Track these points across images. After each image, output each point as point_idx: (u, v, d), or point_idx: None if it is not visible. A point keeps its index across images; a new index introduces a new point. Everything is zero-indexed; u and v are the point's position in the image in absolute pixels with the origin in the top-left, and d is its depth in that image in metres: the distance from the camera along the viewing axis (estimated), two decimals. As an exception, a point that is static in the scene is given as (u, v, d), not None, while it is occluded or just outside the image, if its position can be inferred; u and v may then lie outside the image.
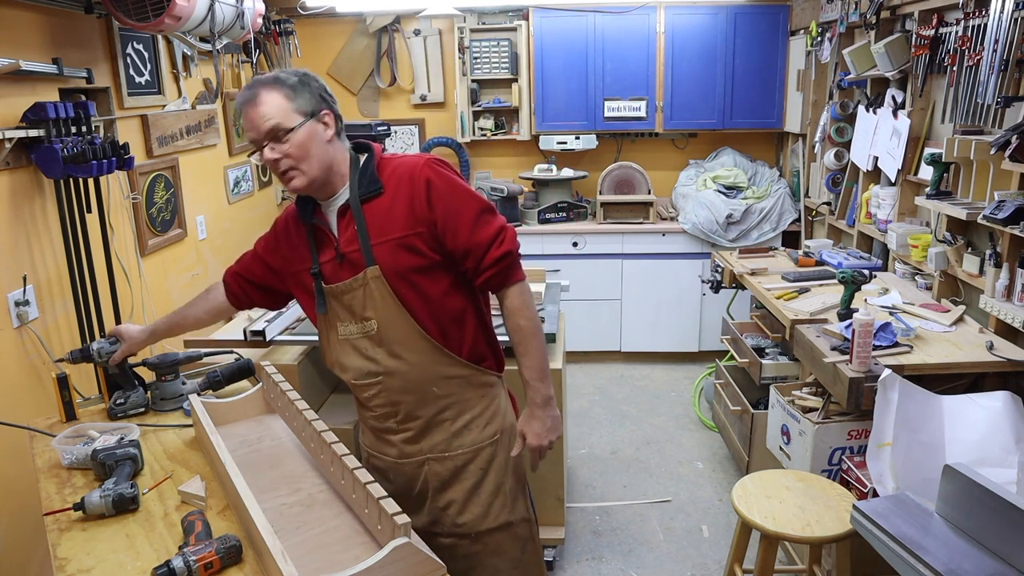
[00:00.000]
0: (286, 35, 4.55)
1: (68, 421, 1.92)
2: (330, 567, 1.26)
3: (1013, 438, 2.15)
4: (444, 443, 1.71)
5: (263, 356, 2.63)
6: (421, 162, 1.61)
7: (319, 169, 1.59)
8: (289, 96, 1.55)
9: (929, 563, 1.57)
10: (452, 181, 1.62)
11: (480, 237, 1.61)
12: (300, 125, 1.54)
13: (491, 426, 1.74)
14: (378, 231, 1.60)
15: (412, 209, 1.58)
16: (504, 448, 1.75)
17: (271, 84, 1.55)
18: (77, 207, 2.53)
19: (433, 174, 1.60)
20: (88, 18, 2.72)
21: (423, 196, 1.58)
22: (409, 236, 1.59)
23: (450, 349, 1.66)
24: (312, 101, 1.57)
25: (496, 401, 1.76)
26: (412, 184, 1.59)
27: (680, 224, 4.53)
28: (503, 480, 1.75)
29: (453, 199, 1.60)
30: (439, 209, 1.59)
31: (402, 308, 1.61)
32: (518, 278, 1.68)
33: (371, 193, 1.61)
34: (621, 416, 4.06)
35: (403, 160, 1.65)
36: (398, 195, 1.60)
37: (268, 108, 1.53)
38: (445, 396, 1.69)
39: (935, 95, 3.10)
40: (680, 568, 2.81)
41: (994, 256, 2.52)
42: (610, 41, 4.56)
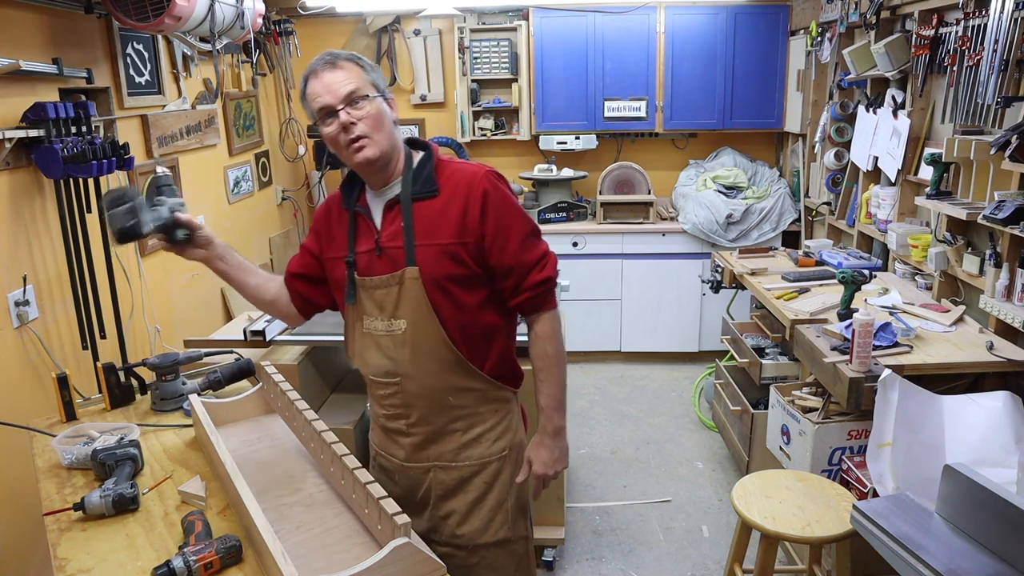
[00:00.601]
0: (286, 35, 4.55)
1: (68, 421, 1.91)
2: (330, 567, 1.26)
3: (1013, 438, 2.15)
4: (452, 453, 1.69)
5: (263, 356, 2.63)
6: (481, 172, 1.60)
7: (388, 145, 1.57)
8: (366, 69, 1.57)
9: (929, 563, 1.57)
10: (507, 197, 1.61)
11: (526, 258, 1.61)
12: (375, 97, 1.55)
13: (501, 441, 1.71)
14: (425, 232, 1.57)
15: (464, 218, 1.57)
16: (511, 464, 1.73)
17: (349, 56, 1.56)
18: (77, 207, 2.53)
19: (491, 187, 1.59)
20: (88, 18, 2.72)
21: (478, 207, 1.57)
22: (455, 244, 1.57)
23: (473, 362, 1.63)
24: (382, 82, 1.60)
25: (509, 417, 1.74)
26: (469, 193, 1.57)
27: (680, 224, 4.53)
28: (506, 496, 1.73)
29: (506, 215, 1.59)
30: (491, 223, 1.57)
31: (433, 314, 1.58)
32: (552, 305, 1.68)
33: (425, 193, 1.59)
34: (621, 416, 4.06)
35: (461, 166, 1.63)
36: (452, 201, 1.58)
37: (348, 74, 1.53)
38: (459, 407, 1.67)
39: (935, 95, 3.10)
40: (680, 568, 2.81)
41: (994, 256, 2.52)
42: (610, 41, 4.56)
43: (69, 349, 2.59)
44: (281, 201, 4.74)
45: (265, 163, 4.50)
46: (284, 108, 4.81)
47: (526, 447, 1.76)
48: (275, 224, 4.65)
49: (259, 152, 4.40)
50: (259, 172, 4.39)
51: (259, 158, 4.40)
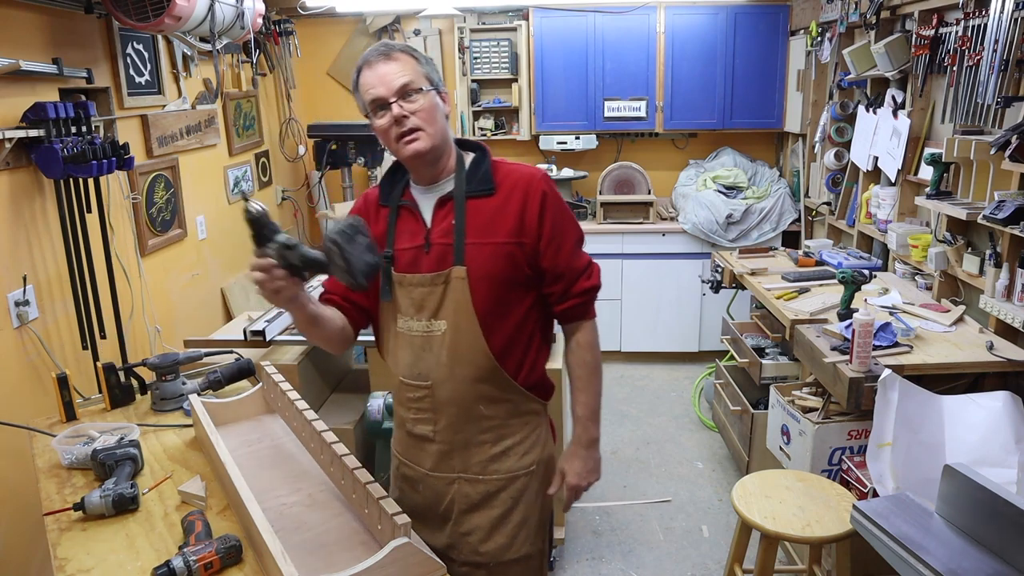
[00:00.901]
0: (286, 35, 4.55)
1: (68, 421, 1.91)
2: (330, 567, 1.26)
3: (1013, 438, 2.15)
4: (479, 465, 1.62)
5: (263, 356, 2.63)
6: (539, 175, 1.58)
7: (441, 138, 1.54)
8: (420, 62, 1.54)
9: (929, 563, 1.57)
10: (562, 202, 1.60)
11: (576, 263, 1.59)
12: (429, 90, 1.52)
13: (529, 455, 1.65)
14: (478, 231, 1.53)
15: (522, 218, 1.53)
16: (538, 479, 1.67)
17: (403, 48, 1.54)
18: (77, 207, 2.53)
19: (549, 189, 1.57)
20: (88, 18, 2.72)
21: (536, 207, 1.54)
22: (511, 244, 1.53)
23: (508, 371, 1.58)
24: (436, 76, 1.56)
25: (538, 430, 1.68)
26: (527, 193, 1.55)
27: (680, 224, 4.53)
28: (531, 512, 1.67)
29: (563, 219, 1.58)
30: (548, 225, 1.55)
31: (475, 318, 1.52)
32: (594, 314, 1.66)
33: (481, 191, 1.55)
34: (621, 416, 4.06)
35: (517, 167, 1.60)
36: (510, 201, 1.54)
37: (402, 66, 1.50)
38: (489, 418, 1.60)
39: (935, 95, 3.10)
40: (680, 568, 2.81)
41: (994, 256, 2.52)
42: (610, 41, 4.56)
43: (69, 349, 2.59)
44: (281, 201, 4.74)
45: (265, 163, 4.50)
46: (284, 108, 4.81)
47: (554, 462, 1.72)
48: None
49: (259, 152, 4.40)
50: (259, 172, 4.39)
51: (259, 158, 4.40)
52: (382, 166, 4.74)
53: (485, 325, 1.53)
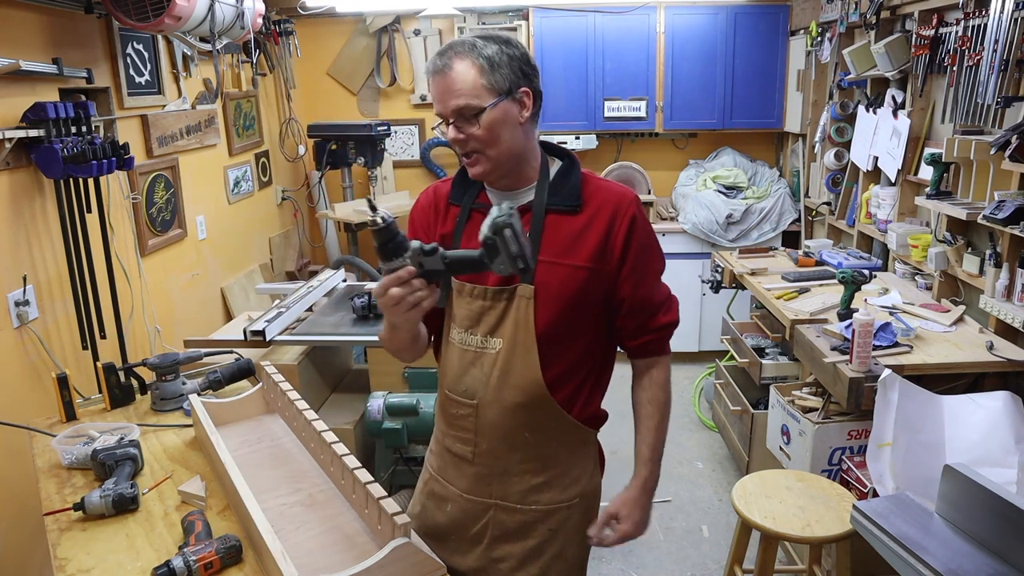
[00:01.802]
0: (286, 35, 4.55)
1: (68, 421, 1.91)
2: (330, 567, 1.26)
3: (1013, 438, 2.15)
4: (518, 495, 1.50)
5: (263, 356, 2.63)
6: (630, 196, 1.44)
7: (507, 155, 1.39)
8: (484, 70, 1.34)
9: (929, 563, 1.57)
10: (651, 229, 1.47)
11: (656, 297, 1.49)
12: (493, 105, 1.34)
13: (574, 488, 1.53)
14: (555, 249, 1.40)
15: (607, 241, 1.40)
16: (580, 512, 1.54)
17: (468, 52, 1.34)
18: (77, 207, 2.53)
19: (639, 214, 1.44)
20: (88, 18, 2.72)
21: (623, 233, 1.40)
22: (589, 268, 1.40)
23: (560, 402, 1.46)
24: (510, 76, 1.35)
25: (585, 461, 1.57)
26: (616, 214, 1.41)
27: (680, 224, 4.53)
28: (569, 545, 1.53)
29: (649, 249, 1.46)
30: (632, 253, 1.42)
31: (533, 342, 1.40)
32: (669, 351, 1.58)
33: (565, 207, 1.41)
34: (621, 416, 4.03)
35: (608, 185, 1.46)
36: (596, 220, 1.41)
37: (459, 83, 1.33)
38: (534, 445, 1.48)
39: (935, 95, 3.10)
40: (680, 568, 2.81)
41: (994, 256, 2.52)
42: (610, 41, 4.56)
43: (69, 349, 2.59)
44: (281, 201, 4.74)
45: (265, 163, 4.50)
46: (284, 108, 4.81)
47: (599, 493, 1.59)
48: (275, 224, 4.65)
49: (259, 152, 4.40)
50: (259, 172, 4.39)
51: (259, 158, 4.40)
52: (382, 166, 4.74)
53: (544, 352, 1.41)
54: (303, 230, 5.06)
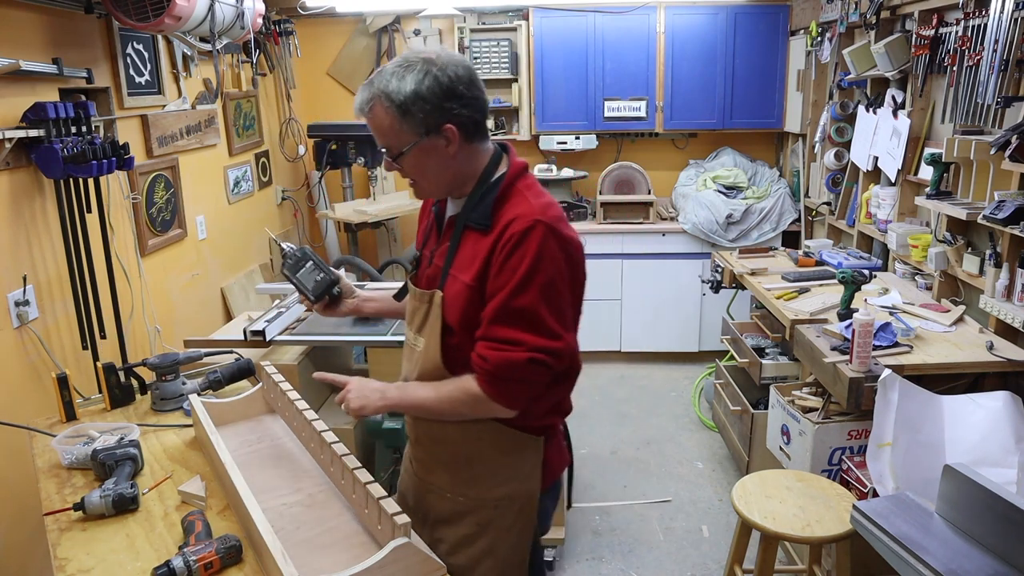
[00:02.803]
0: (286, 35, 4.55)
1: (68, 421, 1.91)
2: (330, 567, 1.26)
3: (1013, 438, 2.15)
4: (449, 484, 1.57)
5: (263, 356, 2.63)
6: (531, 217, 1.35)
7: (437, 185, 1.45)
8: (398, 117, 1.36)
9: (929, 563, 1.57)
10: (539, 255, 1.34)
11: (496, 329, 1.37)
12: (412, 146, 1.38)
13: (501, 488, 1.53)
14: (458, 264, 1.44)
15: (488, 261, 1.38)
16: (512, 513, 1.55)
17: (381, 99, 1.36)
18: (77, 207, 2.53)
19: (531, 236, 1.34)
20: (88, 18, 2.72)
21: (502, 256, 1.35)
22: (473, 288, 1.40)
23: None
24: (429, 117, 1.36)
25: (520, 464, 1.54)
26: (503, 235, 1.37)
27: (680, 224, 4.53)
28: (500, 545, 1.56)
29: (517, 273, 1.34)
30: (501, 273, 1.36)
31: (438, 346, 1.46)
32: (489, 389, 1.39)
33: (477, 225, 1.42)
34: (621, 416, 4.06)
35: (523, 204, 1.40)
36: (494, 239, 1.38)
37: (377, 127, 1.39)
38: (460, 442, 1.53)
39: (935, 95, 3.10)
40: (680, 568, 2.81)
41: (994, 256, 2.52)
42: (610, 41, 4.56)
43: (69, 349, 2.59)
44: (281, 201, 4.74)
45: (265, 163, 4.50)
46: (284, 108, 4.81)
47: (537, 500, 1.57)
48: (275, 224, 4.65)
49: (259, 152, 4.40)
50: (259, 172, 4.39)
51: (259, 158, 4.40)
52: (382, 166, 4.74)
53: (453, 356, 1.45)
54: (303, 230, 5.06)
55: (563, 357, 1.39)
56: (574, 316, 1.44)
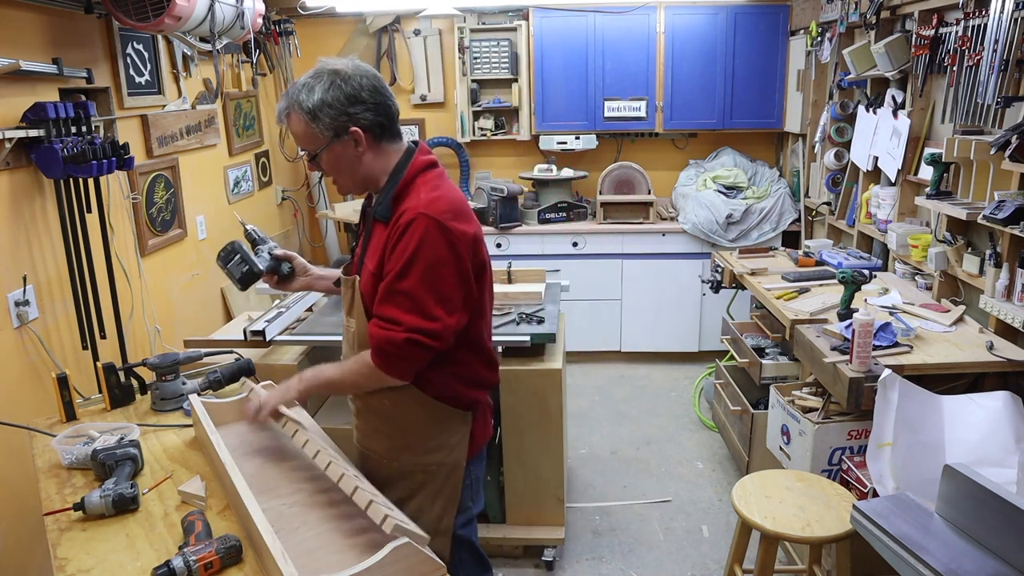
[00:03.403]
0: (286, 35, 4.55)
1: (68, 421, 1.92)
2: (330, 567, 1.26)
3: (1013, 438, 2.15)
4: (384, 451, 1.74)
5: (263, 356, 2.63)
6: (418, 210, 1.53)
7: (354, 182, 1.64)
8: (309, 122, 1.55)
9: (929, 563, 1.57)
10: (420, 243, 1.51)
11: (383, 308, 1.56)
12: (324, 148, 1.58)
13: (432, 455, 1.71)
14: (370, 254, 1.64)
15: (383, 248, 1.59)
16: (437, 481, 1.73)
17: (294, 107, 1.56)
18: (77, 207, 2.53)
19: (412, 228, 1.52)
20: (88, 18, 2.72)
21: (393, 241, 1.55)
22: (376, 275, 1.60)
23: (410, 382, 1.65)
24: (333, 123, 1.54)
25: (447, 435, 1.72)
26: (395, 224, 1.56)
27: (680, 224, 4.53)
28: (425, 509, 1.71)
29: (403, 258, 1.52)
30: (391, 259, 1.55)
31: (366, 324, 1.63)
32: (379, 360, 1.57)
33: (382, 217, 1.62)
34: (621, 416, 4.06)
35: (415, 199, 1.57)
36: (389, 230, 1.58)
37: (294, 132, 1.59)
38: (392, 412, 1.71)
39: (935, 95, 3.10)
40: (680, 568, 2.81)
41: (994, 256, 2.52)
42: (610, 41, 4.56)
43: (69, 349, 2.59)
44: (281, 201, 4.74)
45: (265, 163, 4.50)
46: (284, 108, 4.80)
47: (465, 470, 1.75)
48: (275, 224, 4.65)
49: (259, 152, 4.40)
50: (259, 172, 4.39)
51: (259, 158, 4.40)
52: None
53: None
54: (303, 230, 5.06)
55: (441, 338, 1.55)
56: (464, 299, 1.60)
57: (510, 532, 2.79)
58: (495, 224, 4.57)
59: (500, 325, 2.67)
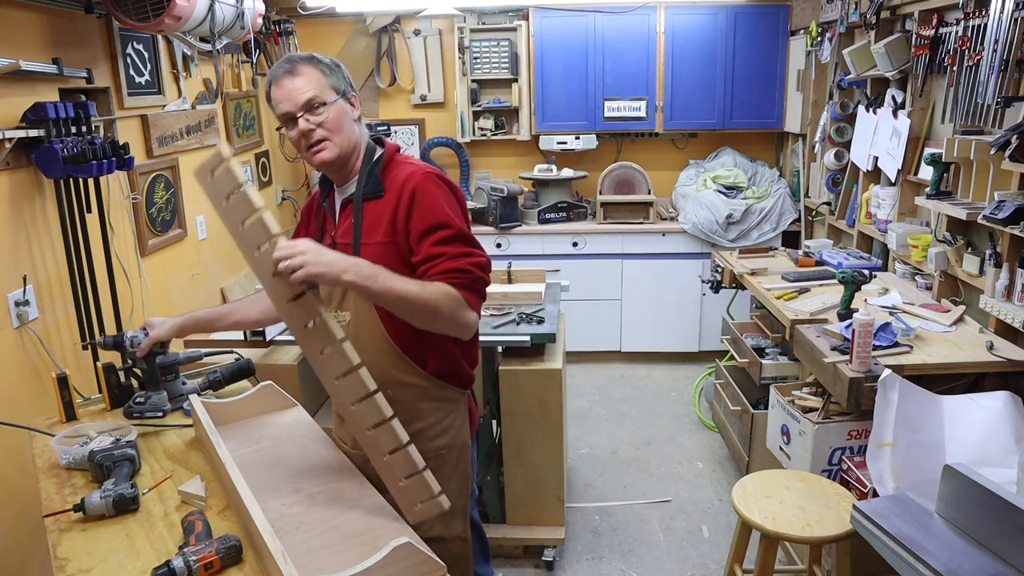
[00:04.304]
0: (286, 35, 4.55)
1: (68, 421, 1.91)
2: (330, 567, 1.26)
3: (1013, 438, 2.15)
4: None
5: (263, 356, 2.63)
6: (419, 172, 1.64)
7: (348, 145, 1.66)
8: (325, 73, 1.63)
9: (929, 563, 1.57)
10: (435, 197, 1.61)
11: (438, 250, 1.59)
12: (334, 100, 1.62)
13: (440, 439, 1.73)
14: (368, 231, 1.64)
15: (394, 217, 1.62)
16: (450, 464, 1.75)
17: (308, 60, 1.63)
18: (77, 207, 2.53)
19: (421, 187, 1.61)
20: (88, 18, 2.72)
21: (406, 205, 1.61)
22: (388, 243, 1.62)
23: (413, 359, 1.67)
24: (343, 81, 1.67)
25: (452, 416, 1.75)
26: (401, 192, 1.62)
27: (680, 224, 4.53)
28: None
29: (430, 214, 1.60)
30: (415, 221, 1.60)
31: (373, 310, 1.63)
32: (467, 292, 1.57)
33: (372, 193, 1.66)
34: (621, 416, 4.06)
35: (405, 167, 1.67)
36: (391, 200, 1.64)
37: (306, 81, 1.60)
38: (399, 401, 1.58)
39: (935, 95, 3.10)
40: (680, 568, 2.81)
41: (994, 256, 2.52)
42: (610, 41, 4.56)
43: (69, 349, 2.59)
44: (281, 201, 4.74)
45: (265, 163, 4.50)
46: (284, 108, 4.80)
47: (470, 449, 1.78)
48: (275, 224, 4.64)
49: (259, 152, 4.40)
50: (259, 172, 4.39)
51: (259, 158, 4.40)
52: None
53: (384, 317, 1.63)
54: (303, 230, 5.06)
55: (489, 269, 1.64)
56: None
57: (510, 532, 2.79)
58: (495, 224, 4.57)
59: (500, 325, 2.67)
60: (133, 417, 1.90)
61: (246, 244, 1.48)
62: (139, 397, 1.92)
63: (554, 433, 2.67)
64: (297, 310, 1.45)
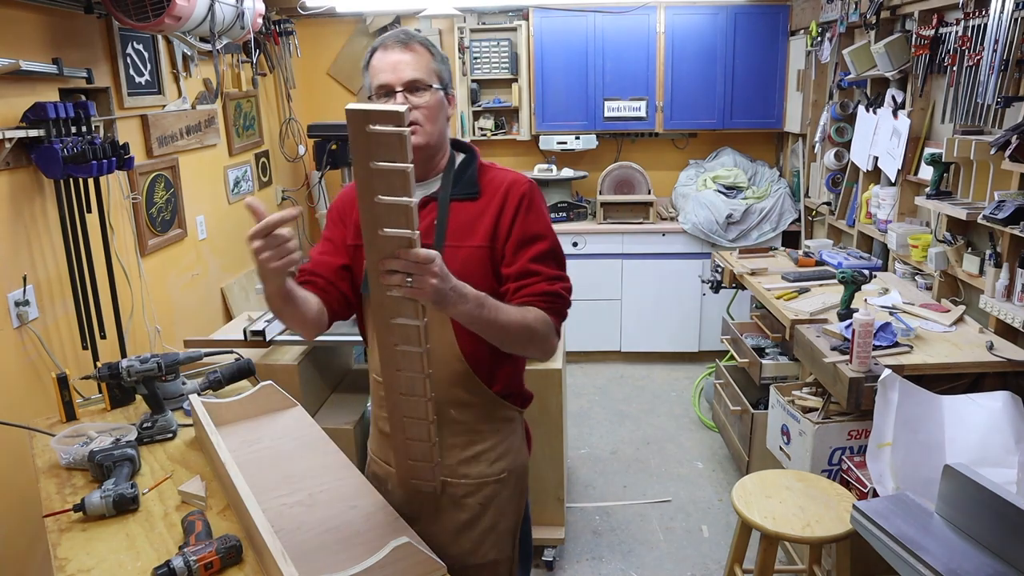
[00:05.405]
0: (286, 35, 4.55)
1: (68, 421, 1.91)
2: (330, 567, 1.26)
3: (1013, 438, 2.15)
4: (449, 469, 1.57)
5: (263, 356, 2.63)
6: (523, 180, 1.58)
7: (438, 137, 1.54)
8: (436, 59, 1.53)
9: (929, 563, 1.57)
10: (543, 212, 1.57)
11: (535, 267, 1.51)
12: (438, 88, 1.51)
13: (501, 462, 1.61)
14: (456, 234, 1.52)
15: (497, 221, 1.52)
16: (509, 488, 1.63)
17: (424, 41, 1.53)
18: (77, 207, 2.53)
19: (531, 195, 1.55)
20: (88, 18, 2.72)
21: (511, 211, 1.52)
22: (485, 248, 1.51)
23: (481, 377, 1.55)
24: (448, 76, 1.56)
25: (512, 438, 1.64)
26: (507, 196, 1.54)
27: (680, 224, 4.53)
28: (500, 518, 1.62)
29: (536, 227, 1.53)
30: (518, 228, 1.51)
31: (447, 321, 1.48)
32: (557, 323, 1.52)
33: (466, 194, 1.55)
34: (621, 416, 4.06)
35: (504, 172, 1.61)
36: (491, 204, 1.53)
37: (417, 59, 1.49)
38: (461, 421, 1.56)
39: (935, 95, 3.10)
40: (680, 568, 2.81)
41: (994, 256, 2.52)
42: (610, 41, 4.56)
43: (69, 349, 2.59)
44: (281, 201, 4.74)
45: (265, 163, 4.50)
46: (284, 108, 4.81)
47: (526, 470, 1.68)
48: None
49: (259, 152, 4.40)
50: (259, 172, 4.39)
51: (259, 158, 4.40)
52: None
53: (458, 329, 1.48)
54: (303, 230, 5.06)
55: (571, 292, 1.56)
56: None
57: (510, 532, 2.79)
58: (495, 224, 4.57)
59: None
60: (144, 443, 1.83)
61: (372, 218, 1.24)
62: (146, 422, 1.86)
63: (554, 433, 2.67)
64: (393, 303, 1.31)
